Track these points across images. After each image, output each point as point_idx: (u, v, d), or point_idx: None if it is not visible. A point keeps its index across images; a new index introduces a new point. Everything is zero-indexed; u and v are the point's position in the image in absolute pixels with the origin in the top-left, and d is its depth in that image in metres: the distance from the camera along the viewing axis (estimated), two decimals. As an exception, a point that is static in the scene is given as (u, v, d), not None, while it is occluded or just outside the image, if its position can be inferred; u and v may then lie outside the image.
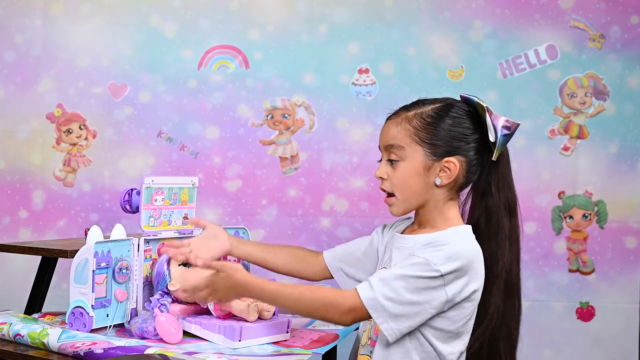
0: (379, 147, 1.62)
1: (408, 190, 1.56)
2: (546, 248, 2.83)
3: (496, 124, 1.55)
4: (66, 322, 1.66)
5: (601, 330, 2.81)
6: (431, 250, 1.47)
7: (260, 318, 1.65)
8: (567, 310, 2.82)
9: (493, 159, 1.56)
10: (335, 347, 1.92)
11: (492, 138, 1.55)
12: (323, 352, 1.65)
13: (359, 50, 2.87)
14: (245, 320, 1.62)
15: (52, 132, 2.88)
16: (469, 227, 1.57)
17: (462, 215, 1.61)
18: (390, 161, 1.58)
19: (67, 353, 1.53)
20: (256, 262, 1.79)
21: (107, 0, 2.87)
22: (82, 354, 1.50)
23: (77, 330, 1.63)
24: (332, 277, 1.75)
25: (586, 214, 2.82)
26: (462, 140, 1.55)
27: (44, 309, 2.13)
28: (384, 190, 1.60)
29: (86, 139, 2.88)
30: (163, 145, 2.88)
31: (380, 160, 1.61)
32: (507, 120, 1.55)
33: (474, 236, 1.55)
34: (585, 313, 2.82)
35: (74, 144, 2.88)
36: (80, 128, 2.88)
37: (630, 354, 2.79)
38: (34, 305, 2.15)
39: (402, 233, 1.63)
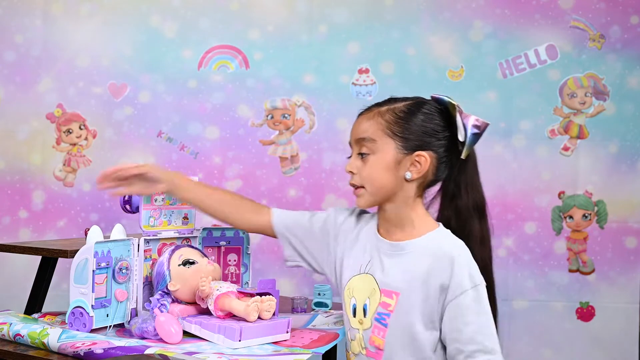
0: (350, 142, 1.63)
1: (378, 183, 1.57)
2: (546, 248, 2.83)
3: (466, 123, 1.56)
4: (66, 322, 1.66)
5: (601, 330, 2.81)
6: (460, 270, 1.51)
7: (260, 318, 1.65)
8: (567, 310, 2.82)
9: (462, 157, 1.57)
10: (335, 347, 1.92)
11: (461, 137, 1.56)
12: (323, 352, 1.65)
13: (359, 50, 2.87)
14: (245, 320, 1.62)
15: (52, 132, 2.88)
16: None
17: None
18: (361, 155, 1.59)
19: (67, 353, 1.52)
20: (193, 202, 1.80)
21: (107, 0, 2.88)
22: (82, 354, 1.50)
23: (77, 330, 1.63)
24: (271, 236, 1.77)
25: (586, 214, 2.82)
26: (433, 135, 1.56)
27: (44, 309, 2.13)
28: (354, 185, 1.61)
29: (86, 139, 2.88)
30: (163, 145, 2.88)
31: (350, 156, 1.62)
32: (477, 120, 1.56)
33: None
34: (585, 313, 2.82)
35: (74, 144, 2.88)
36: (80, 128, 2.88)
37: (630, 354, 2.79)
38: (34, 305, 2.15)
39: (381, 236, 1.63)
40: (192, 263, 1.73)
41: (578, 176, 2.84)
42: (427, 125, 1.56)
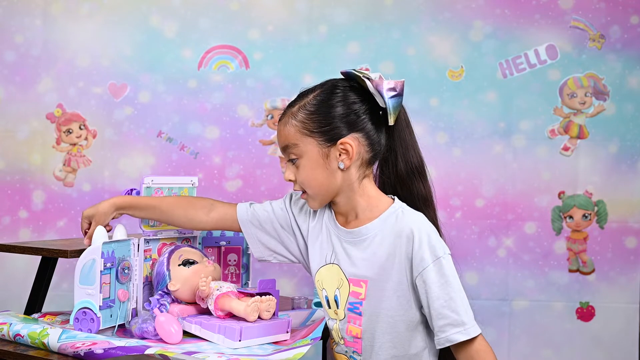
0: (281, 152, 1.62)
1: (315, 184, 1.57)
2: (546, 248, 2.83)
3: (381, 90, 1.53)
4: (70, 323, 1.65)
5: (601, 330, 2.81)
6: (420, 245, 1.49)
7: (260, 318, 1.65)
8: (567, 310, 2.83)
9: (390, 123, 1.55)
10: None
11: (381, 103, 1.54)
12: (320, 334, 1.63)
13: (359, 50, 2.87)
14: (245, 320, 1.62)
15: (52, 132, 2.88)
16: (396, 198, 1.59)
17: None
18: (292, 161, 1.58)
19: (67, 353, 1.52)
20: (153, 217, 1.78)
21: (107, 0, 2.88)
22: (82, 354, 1.50)
23: (81, 330, 1.62)
24: (236, 231, 1.75)
25: (586, 214, 2.83)
26: (351, 115, 1.54)
27: (44, 309, 2.13)
28: (299, 191, 1.61)
29: (86, 139, 2.88)
30: (163, 145, 2.88)
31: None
32: (389, 82, 1.54)
33: None
34: (585, 313, 2.82)
35: (74, 144, 2.88)
36: (80, 128, 2.88)
37: (630, 354, 2.79)
38: (34, 305, 2.14)
39: (340, 224, 1.62)
40: (192, 263, 1.73)
41: (578, 176, 2.84)
42: (343, 109, 1.54)
